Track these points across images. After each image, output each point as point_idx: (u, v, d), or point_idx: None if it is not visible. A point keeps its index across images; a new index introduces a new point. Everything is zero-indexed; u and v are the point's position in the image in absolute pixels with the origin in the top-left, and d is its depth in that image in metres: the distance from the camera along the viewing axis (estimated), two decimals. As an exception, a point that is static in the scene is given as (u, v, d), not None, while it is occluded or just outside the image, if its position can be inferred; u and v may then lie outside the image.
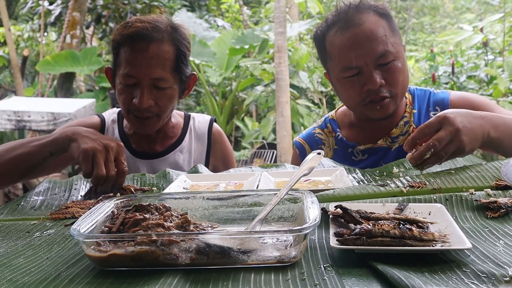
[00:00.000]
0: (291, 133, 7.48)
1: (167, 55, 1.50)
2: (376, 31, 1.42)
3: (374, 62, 1.41)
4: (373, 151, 1.57)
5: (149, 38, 1.48)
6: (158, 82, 1.49)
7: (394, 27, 1.47)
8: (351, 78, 1.45)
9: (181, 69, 1.55)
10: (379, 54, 1.41)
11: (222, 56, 9.23)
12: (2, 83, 12.64)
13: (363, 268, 0.67)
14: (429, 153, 1.12)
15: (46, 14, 10.16)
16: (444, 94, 1.59)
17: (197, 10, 11.87)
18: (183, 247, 0.68)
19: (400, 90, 1.46)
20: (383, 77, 1.42)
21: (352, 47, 1.42)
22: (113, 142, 1.28)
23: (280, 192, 0.85)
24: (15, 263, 0.76)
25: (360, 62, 1.41)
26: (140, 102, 1.47)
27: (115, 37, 1.54)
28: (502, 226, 0.81)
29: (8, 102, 7.12)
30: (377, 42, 1.41)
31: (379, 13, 1.46)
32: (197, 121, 1.80)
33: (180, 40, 1.54)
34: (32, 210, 1.15)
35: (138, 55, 1.48)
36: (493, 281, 0.60)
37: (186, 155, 1.73)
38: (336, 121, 1.70)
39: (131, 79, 1.49)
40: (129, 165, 1.63)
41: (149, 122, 1.55)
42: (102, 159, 1.22)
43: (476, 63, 6.40)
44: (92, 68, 8.70)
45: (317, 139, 1.69)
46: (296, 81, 8.85)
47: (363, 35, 1.41)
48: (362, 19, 1.43)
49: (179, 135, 1.74)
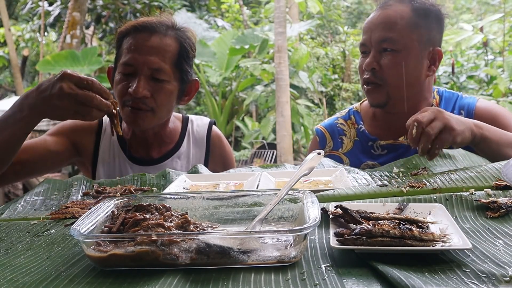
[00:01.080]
0: (291, 133, 7.48)
1: (169, 48, 1.49)
2: (392, 17, 1.48)
3: (378, 44, 1.48)
4: (393, 148, 1.58)
5: (153, 29, 1.48)
6: (156, 73, 1.46)
7: (421, 24, 1.49)
8: (362, 55, 1.55)
9: (182, 66, 1.52)
10: (384, 37, 1.47)
11: (222, 56, 9.23)
12: (2, 83, 12.64)
13: (363, 268, 0.67)
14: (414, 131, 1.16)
15: (46, 14, 10.16)
16: (472, 99, 1.60)
17: (197, 10, 11.86)
18: (183, 247, 0.68)
19: (393, 80, 1.48)
20: (382, 63, 1.47)
21: (368, 26, 1.53)
22: (60, 76, 1.17)
23: (280, 192, 0.85)
24: (15, 263, 0.76)
25: (367, 40, 1.51)
26: (135, 90, 1.43)
27: (120, 31, 1.54)
28: (502, 226, 0.81)
29: (8, 102, 7.13)
30: (387, 26, 1.47)
31: (414, 7, 1.49)
32: (195, 124, 1.75)
33: (185, 38, 1.54)
34: (32, 210, 1.15)
35: (140, 43, 1.47)
36: (493, 281, 0.60)
37: (184, 162, 1.68)
38: (360, 113, 1.71)
39: (130, 67, 1.46)
40: (125, 171, 1.61)
41: (143, 116, 1.48)
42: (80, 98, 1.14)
43: (476, 63, 6.41)
44: (92, 68, 8.69)
45: (339, 129, 1.71)
46: (296, 81, 8.85)
47: (381, 17, 1.49)
48: (392, 5, 1.50)
49: (177, 141, 1.68)
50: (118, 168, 1.62)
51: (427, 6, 1.51)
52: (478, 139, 1.26)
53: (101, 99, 1.17)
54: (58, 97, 1.15)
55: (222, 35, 9.77)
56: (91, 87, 1.16)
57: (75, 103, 1.15)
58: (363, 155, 1.52)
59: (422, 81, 1.54)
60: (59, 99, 1.15)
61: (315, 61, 9.38)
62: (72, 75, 1.16)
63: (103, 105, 1.17)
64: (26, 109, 1.21)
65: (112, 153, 1.64)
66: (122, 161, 1.63)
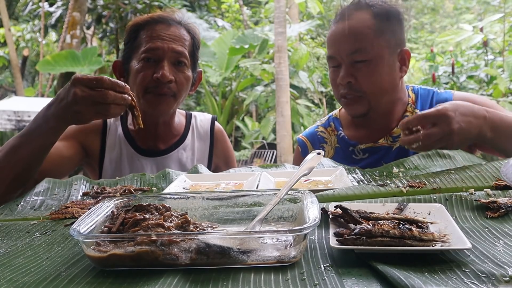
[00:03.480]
0: (291, 133, 7.48)
1: (186, 37, 1.60)
2: (358, 28, 1.46)
3: (349, 57, 1.46)
4: (374, 150, 1.58)
5: (170, 21, 1.60)
6: (179, 56, 1.55)
7: (385, 29, 1.47)
8: (333, 69, 1.53)
9: (195, 56, 1.63)
10: (354, 49, 1.45)
11: (222, 56, 9.24)
12: (2, 83, 12.65)
13: (363, 268, 0.67)
14: (416, 144, 1.18)
15: (47, 15, 10.16)
16: (447, 94, 1.60)
17: (197, 10, 11.86)
18: (183, 247, 0.68)
19: (372, 90, 1.48)
20: (357, 75, 1.46)
21: (333, 40, 1.51)
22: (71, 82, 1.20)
23: (280, 192, 0.85)
24: (15, 263, 0.76)
25: (336, 54, 1.49)
26: (162, 74, 1.50)
27: (133, 23, 1.61)
28: (502, 226, 0.81)
29: (8, 102, 7.13)
30: (355, 38, 1.45)
31: (374, 13, 1.47)
32: (198, 119, 1.81)
33: (194, 31, 1.66)
34: (32, 210, 1.15)
35: (161, 32, 1.55)
36: (493, 281, 0.60)
37: (189, 153, 1.73)
38: (339, 119, 1.72)
39: (154, 52, 1.53)
40: (134, 163, 1.65)
41: (167, 101, 1.56)
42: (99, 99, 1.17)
43: (476, 63, 6.41)
44: (92, 68, 8.70)
45: (320, 137, 1.71)
46: (296, 81, 8.85)
47: (345, 29, 1.46)
48: (352, 14, 1.48)
49: (182, 133, 1.75)
50: (126, 162, 1.66)
51: (386, 9, 1.50)
52: (482, 142, 1.26)
53: (115, 94, 1.18)
54: (74, 102, 1.18)
55: (222, 35, 9.78)
56: (102, 84, 1.18)
57: (91, 104, 1.18)
58: (345, 160, 1.52)
59: (397, 84, 1.55)
60: (76, 104, 1.18)
61: (315, 61, 9.37)
62: (82, 79, 1.19)
63: (118, 99, 1.19)
64: (52, 119, 1.25)
65: (119, 149, 1.67)
66: (130, 154, 1.67)
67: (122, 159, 1.66)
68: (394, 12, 1.51)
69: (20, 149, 1.28)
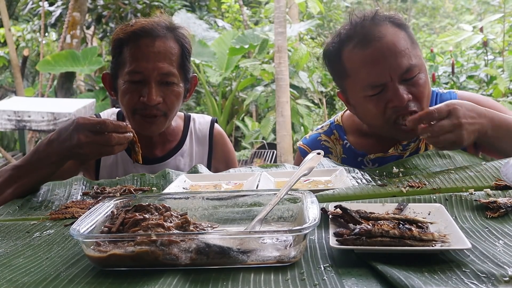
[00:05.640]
0: (291, 133, 7.48)
1: (173, 51, 1.49)
2: (399, 44, 1.34)
3: (399, 77, 1.33)
4: (384, 161, 1.49)
5: (155, 34, 1.47)
6: (166, 77, 1.46)
7: (413, 38, 1.40)
8: (375, 96, 1.35)
9: (185, 66, 1.54)
10: (405, 69, 1.32)
11: (222, 56, 9.22)
12: (2, 83, 12.65)
13: (363, 268, 0.67)
14: (426, 134, 1.19)
15: (47, 15, 10.16)
16: (451, 95, 1.57)
17: (197, 11, 11.86)
18: (183, 247, 0.68)
19: (426, 104, 1.38)
20: (410, 92, 1.33)
21: (376, 63, 1.33)
22: (74, 126, 1.23)
23: (280, 192, 0.85)
24: (15, 263, 0.76)
25: (385, 79, 1.33)
26: (149, 98, 1.43)
27: (116, 36, 1.51)
28: (501, 226, 0.81)
29: (8, 102, 7.12)
30: (401, 56, 1.33)
31: (396, 25, 1.38)
32: (197, 122, 1.75)
33: (183, 38, 1.54)
34: (32, 210, 1.15)
35: (145, 50, 1.45)
36: (492, 281, 0.60)
37: (187, 159, 1.68)
38: (343, 126, 1.62)
39: (138, 75, 1.45)
40: (129, 170, 1.62)
41: (157, 122, 1.50)
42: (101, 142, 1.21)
43: (476, 63, 6.40)
44: (92, 68, 8.70)
45: (324, 147, 1.60)
46: (296, 81, 8.85)
47: (386, 49, 1.32)
48: (382, 32, 1.35)
49: (180, 139, 1.69)
50: (121, 170, 1.63)
51: (399, 18, 1.41)
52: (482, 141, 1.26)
53: (118, 136, 1.23)
54: (79, 147, 1.22)
55: (222, 35, 9.77)
56: (105, 128, 1.21)
57: (96, 148, 1.22)
58: None
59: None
60: (80, 148, 1.22)
61: (315, 61, 9.35)
62: (85, 124, 1.22)
63: (122, 140, 1.24)
64: (54, 156, 1.28)
65: (114, 157, 1.64)
66: (126, 163, 1.63)
67: (118, 167, 1.63)
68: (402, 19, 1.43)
69: (19, 179, 1.30)
